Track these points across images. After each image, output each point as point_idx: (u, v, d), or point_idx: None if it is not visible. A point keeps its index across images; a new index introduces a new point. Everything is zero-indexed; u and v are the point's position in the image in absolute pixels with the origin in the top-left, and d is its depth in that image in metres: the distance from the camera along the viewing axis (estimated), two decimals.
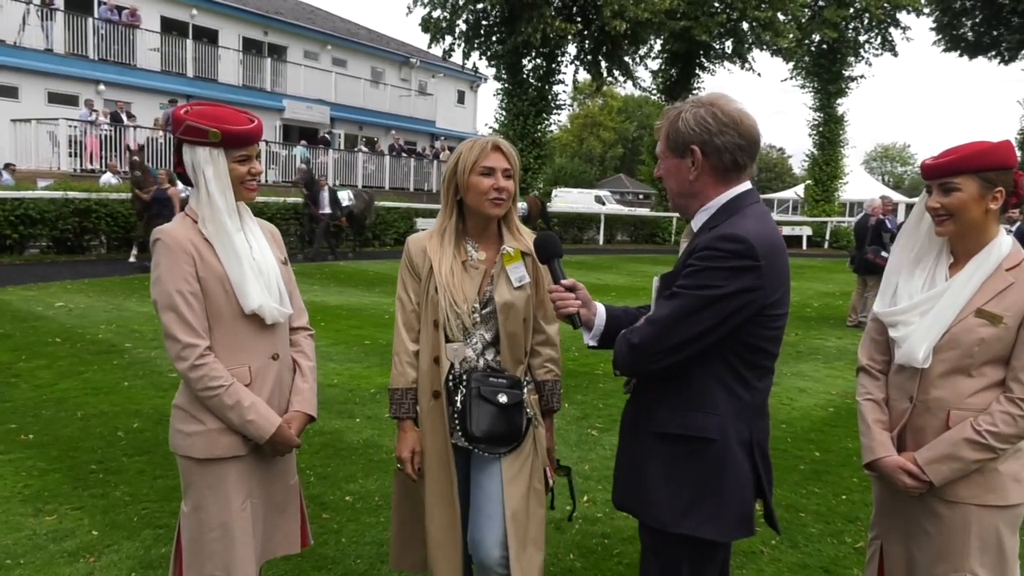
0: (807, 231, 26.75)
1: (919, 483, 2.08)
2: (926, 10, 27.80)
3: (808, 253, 24.55)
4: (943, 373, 2.08)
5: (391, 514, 2.59)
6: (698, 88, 26.87)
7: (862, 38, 27.78)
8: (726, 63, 26.76)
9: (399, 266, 2.48)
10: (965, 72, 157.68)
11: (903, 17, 26.94)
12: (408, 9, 23.42)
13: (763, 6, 23.74)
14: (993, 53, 28.93)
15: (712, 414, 1.88)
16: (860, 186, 34.07)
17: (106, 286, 10.96)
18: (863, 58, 28.20)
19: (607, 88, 39.57)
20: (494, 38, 23.80)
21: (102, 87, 22.16)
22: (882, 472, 2.16)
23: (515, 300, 2.35)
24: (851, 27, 27.03)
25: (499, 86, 24.92)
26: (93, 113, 19.48)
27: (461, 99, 38.66)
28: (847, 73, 28.37)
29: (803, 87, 29.08)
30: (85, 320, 8.31)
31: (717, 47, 26.17)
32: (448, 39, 23.70)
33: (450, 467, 2.37)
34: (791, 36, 24.79)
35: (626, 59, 25.22)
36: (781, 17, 24.48)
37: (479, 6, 23.05)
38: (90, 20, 22.37)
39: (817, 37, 26.45)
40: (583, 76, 26.92)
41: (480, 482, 2.39)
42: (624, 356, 1.91)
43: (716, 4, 24.23)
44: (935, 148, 2.18)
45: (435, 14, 23.14)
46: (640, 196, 51.66)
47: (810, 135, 29.48)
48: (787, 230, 25.53)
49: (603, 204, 33.30)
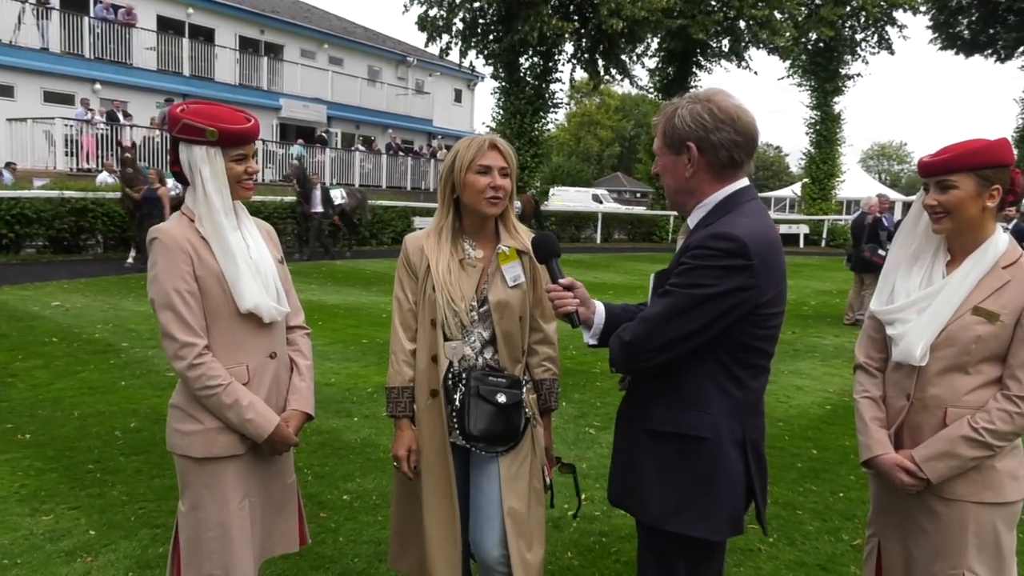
0: (804, 229, 26.79)
1: (916, 481, 2.08)
2: (922, 8, 27.84)
3: (805, 251, 24.60)
4: (940, 371, 2.08)
5: (390, 513, 2.59)
6: (695, 86, 26.86)
7: (859, 36, 27.82)
8: (723, 61, 26.82)
9: (396, 265, 2.48)
10: (962, 70, 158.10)
11: (900, 15, 27.00)
12: (405, 7, 23.37)
13: (760, 4, 23.74)
14: (989, 51, 28.96)
15: (705, 412, 1.87)
16: (857, 184, 34.11)
17: (102, 285, 10.94)
18: (860, 56, 28.25)
19: (604, 87, 39.54)
20: (491, 36, 23.77)
21: (98, 86, 22.11)
22: (879, 470, 2.16)
23: (510, 299, 2.34)
24: (848, 25, 27.07)
25: (496, 85, 24.92)
26: (89, 112, 19.41)
27: (458, 98, 38.62)
28: (844, 71, 28.41)
29: (800, 85, 29.14)
30: (82, 320, 8.30)
31: (714, 45, 26.19)
32: (445, 37, 23.66)
33: (448, 466, 2.36)
34: (788, 34, 24.80)
35: (623, 57, 25.21)
36: (778, 15, 24.49)
37: (476, 4, 23.03)
38: (86, 19, 22.29)
39: (814, 35, 26.46)
40: (580, 75, 26.87)
41: (479, 482, 2.39)
42: (617, 353, 1.91)
43: (713, 2, 24.23)
44: (932, 146, 2.18)
45: (432, 12, 23.10)
46: (637, 194, 51.63)
47: (807, 133, 29.55)
48: (784, 228, 25.61)
49: (600, 203, 33.37)
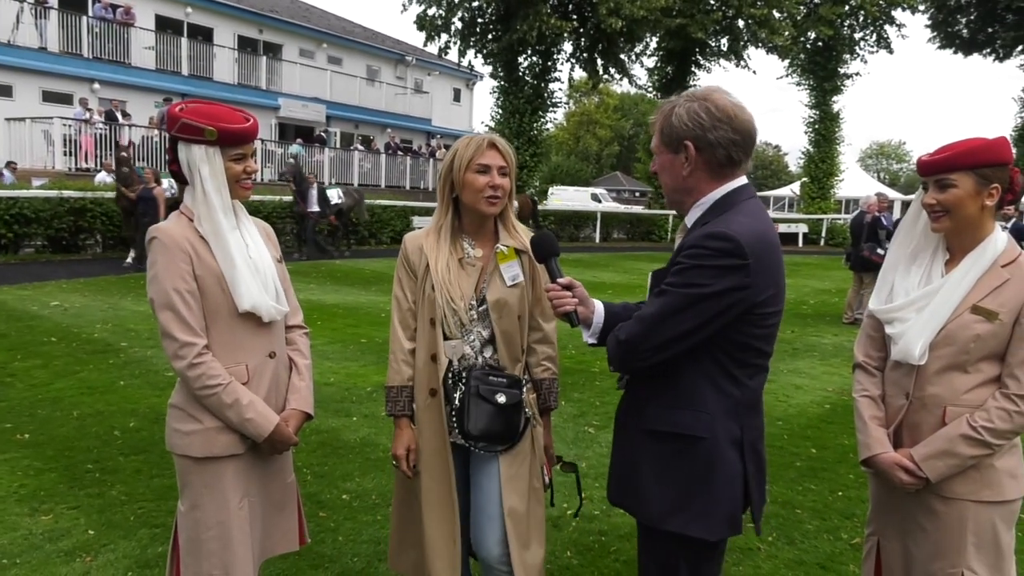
0: (803, 228, 26.79)
1: (915, 479, 2.08)
2: (921, 7, 27.84)
3: (804, 250, 24.60)
4: (939, 369, 2.08)
5: (390, 512, 2.59)
6: (694, 85, 26.77)
7: (857, 35, 27.82)
8: (722, 61, 26.81)
9: (395, 264, 2.47)
10: (960, 69, 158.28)
11: (898, 14, 27.00)
12: (403, 7, 23.34)
13: (759, 3, 23.75)
14: (988, 50, 28.96)
15: (701, 412, 1.86)
16: (856, 183, 34.12)
17: (101, 285, 10.93)
18: (858, 55, 28.26)
19: (603, 86, 39.48)
20: (490, 36, 23.75)
21: (97, 86, 22.08)
22: (878, 468, 2.17)
23: (508, 298, 2.34)
24: (846, 24, 27.08)
25: (495, 84, 24.91)
26: (88, 112, 19.39)
27: (457, 97, 38.60)
28: (842, 70, 28.42)
29: (799, 84, 29.15)
30: (80, 319, 8.29)
31: (713, 45, 26.17)
32: (444, 37, 23.63)
33: (448, 465, 2.36)
34: (787, 33, 24.82)
35: (622, 57, 25.19)
36: (776, 14, 24.49)
37: (474, 4, 23.00)
38: (84, 18, 22.26)
39: (813, 34, 26.49)
40: (579, 74, 26.85)
41: (479, 483, 2.39)
42: (613, 353, 1.91)
43: (712, 1, 24.24)
44: (931, 145, 2.18)
45: (430, 12, 23.07)
46: (636, 194, 51.62)
47: (806, 132, 29.55)
48: (783, 227, 25.63)
49: (599, 202, 33.37)
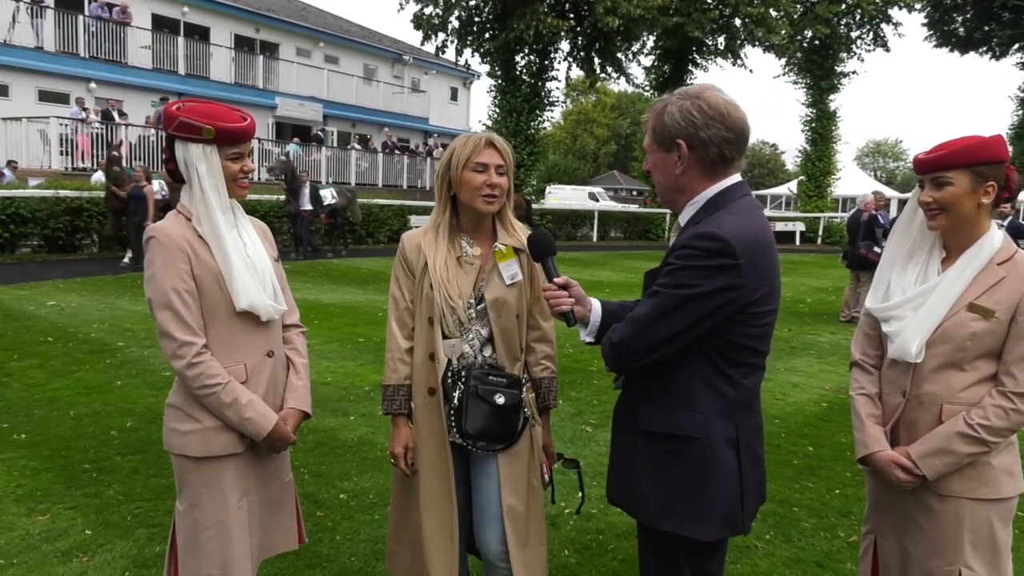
0: (800, 227, 26.80)
1: (912, 477, 2.09)
2: (917, 6, 27.85)
3: (801, 249, 24.62)
4: (936, 368, 2.09)
5: (388, 512, 2.58)
6: (691, 84, 26.79)
7: (854, 34, 27.81)
8: (719, 59, 26.78)
9: (392, 263, 2.48)
10: (957, 67, 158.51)
11: (895, 13, 26.98)
12: (400, 6, 23.28)
13: (755, 2, 23.72)
14: (984, 48, 29.00)
15: (695, 412, 1.86)
16: (853, 182, 34.19)
17: (98, 285, 10.91)
18: (855, 54, 28.25)
19: (600, 85, 39.45)
20: (487, 35, 23.71)
21: (93, 85, 22.03)
22: (875, 466, 2.17)
23: (507, 297, 2.34)
24: (843, 23, 27.07)
25: (492, 83, 24.87)
26: (84, 111, 19.34)
27: (454, 96, 38.59)
28: (839, 69, 28.42)
29: (795, 83, 29.13)
30: (77, 319, 8.28)
31: (710, 43, 26.15)
32: (441, 35, 23.60)
33: (447, 464, 2.36)
34: (783, 32, 24.80)
35: (619, 55, 25.17)
36: (773, 13, 24.46)
37: (471, 3, 22.96)
38: (80, 18, 22.22)
39: (809, 33, 26.49)
40: (576, 73, 26.80)
41: (479, 482, 2.40)
42: (607, 354, 1.91)
43: (708, 0, 24.23)
44: (927, 143, 2.19)
45: (427, 11, 23.02)
46: (634, 192, 51.64)
47: (803, 131, 29.55)
48: (780, 226, 25.65)
49: (597, 201, 33.35)
